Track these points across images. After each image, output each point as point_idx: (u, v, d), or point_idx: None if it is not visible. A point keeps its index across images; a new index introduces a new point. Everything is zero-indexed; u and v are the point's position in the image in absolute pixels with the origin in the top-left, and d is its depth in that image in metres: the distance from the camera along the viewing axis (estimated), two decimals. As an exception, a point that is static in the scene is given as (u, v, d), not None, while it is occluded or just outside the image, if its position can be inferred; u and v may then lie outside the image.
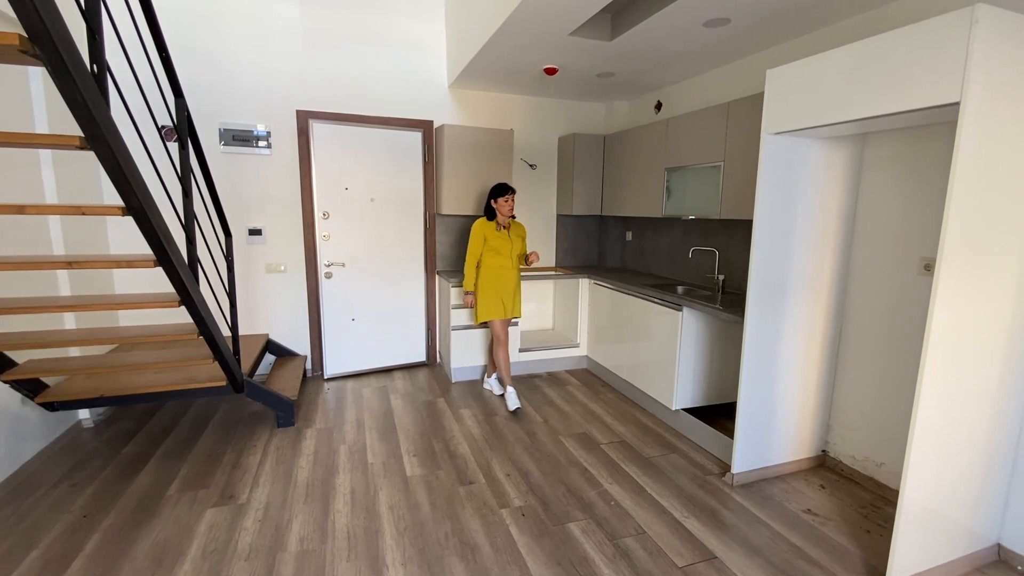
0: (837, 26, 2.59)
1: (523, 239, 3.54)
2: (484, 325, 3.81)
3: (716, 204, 3.05)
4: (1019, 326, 1.85)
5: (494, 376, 3.76)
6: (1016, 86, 1.61)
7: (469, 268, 3.44)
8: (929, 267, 2.23)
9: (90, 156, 3.01)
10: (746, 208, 2.80)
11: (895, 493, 2.32)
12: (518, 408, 3.40)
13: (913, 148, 2.27)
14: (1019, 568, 1.99)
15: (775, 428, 2.57)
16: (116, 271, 3.44)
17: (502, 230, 3.42)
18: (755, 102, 2.70)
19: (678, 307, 3.02)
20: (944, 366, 1.73)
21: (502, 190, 3.37)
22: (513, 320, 3.66)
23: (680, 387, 3.09)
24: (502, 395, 3.66)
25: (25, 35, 1.13)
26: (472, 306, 3.52)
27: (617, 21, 2.85)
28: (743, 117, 2.82)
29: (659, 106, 4.06)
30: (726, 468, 2.65)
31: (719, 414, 3.11)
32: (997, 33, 1.54)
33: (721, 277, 3.34)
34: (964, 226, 1.64)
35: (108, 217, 3.37)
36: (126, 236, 3.38)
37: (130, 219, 3.31)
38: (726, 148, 2.95)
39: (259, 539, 2.08)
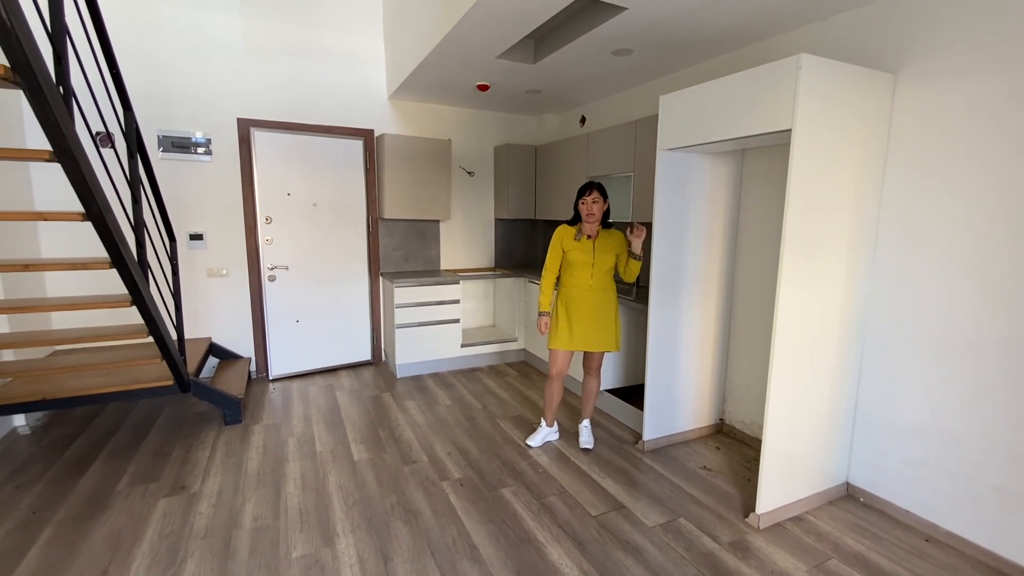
0: (722, 58, 3.07)
1: (616, 254, 2.76)
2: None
3: (629, 209, 3.47)
4: (850, 308, 2.33)
5: (543, 430, 3.00)
6: (833, 117, 2.08)
7: (544, 284, 2.83)
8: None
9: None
10: (652, 213, 3.22)
11: (773, 449, 2.79)
12: (588, 448, 2.93)
13: (777, 163, 2.75)
14: (861, 500, 2.48)
15: (678, 402, 3.00)
16: (47, 276, 3.41)
17: (584, 240, 2.74)
18: (657, 121, 3.12)
19: (599, 300, 3.40)
20: (790, 338, 2.17)
21: (583, 189, 2.73)
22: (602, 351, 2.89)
23: (603, 370, 3.47)
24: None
25: (8, 66, 1.29)
26: (545, 332, 2.85)
27: (539, 47, 3.21)
28: (648, 133, 3.25)
29: (583, 120, 4.47)
30: (639, 437, 3.05)
31: (637, 394, 3.51)
32: (817, 76, 2.00)
33: (637, 273, 3.78)
34: (798, 227, 2.08)
35: (39, 222, 3.35)
36: (56, 239, 3.37)
37: (56, 223, 3.33)
38: (635, 160, 3.38)
39: (214, 520, 2.23)
